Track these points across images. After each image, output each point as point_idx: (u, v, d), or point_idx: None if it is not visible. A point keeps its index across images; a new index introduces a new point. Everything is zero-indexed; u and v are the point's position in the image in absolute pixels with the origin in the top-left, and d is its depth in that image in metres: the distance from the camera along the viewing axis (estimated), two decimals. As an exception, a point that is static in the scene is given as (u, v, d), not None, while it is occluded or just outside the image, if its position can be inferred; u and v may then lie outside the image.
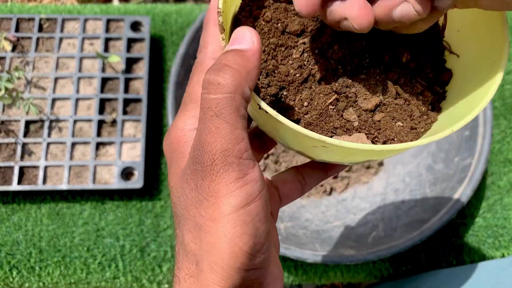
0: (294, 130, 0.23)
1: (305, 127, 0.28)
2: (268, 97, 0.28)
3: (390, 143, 0.27)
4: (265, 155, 0.63)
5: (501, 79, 0.24)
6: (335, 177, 0.63)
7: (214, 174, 0.21)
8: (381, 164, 0.63)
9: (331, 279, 0.59)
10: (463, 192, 0.55)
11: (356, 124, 0.28)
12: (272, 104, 0.28)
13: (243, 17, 0.29)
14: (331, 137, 0.27)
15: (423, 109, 0.28)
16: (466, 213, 0.62)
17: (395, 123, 0.27)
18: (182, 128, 0.26)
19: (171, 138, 0.26)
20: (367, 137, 0.27)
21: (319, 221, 0.59)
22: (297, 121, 0.28)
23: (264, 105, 0.23)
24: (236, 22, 0.29)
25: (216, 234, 0.21)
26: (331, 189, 0.62)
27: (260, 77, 0.28)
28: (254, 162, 0.22)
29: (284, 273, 0.59)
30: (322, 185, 0.62)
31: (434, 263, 0.59)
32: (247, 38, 0.23)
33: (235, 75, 0.21)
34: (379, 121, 0.27)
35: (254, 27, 0.29)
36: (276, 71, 0.28)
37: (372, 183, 0.62)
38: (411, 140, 0.27)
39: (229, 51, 0.23)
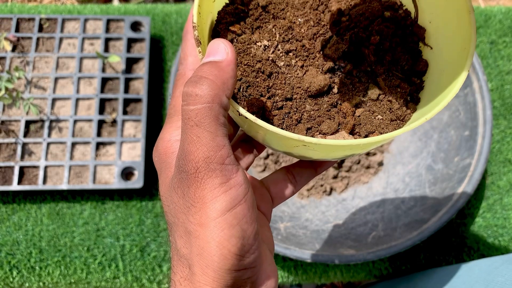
0: (273, 132, 0.24)
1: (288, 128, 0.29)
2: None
3: (371, 136, 0.28)
4: (265, 155, 0.63)
5: (471, 65, 0.26)
6: (335, 177, 0.63)
7: (199, 181, 0.22)
8: (381, 164, 0.63)
9: (331, 278, 0.60)
10: (462, 192, 0.55)
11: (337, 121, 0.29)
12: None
13: (221, 29, 0.30)
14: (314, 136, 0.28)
15: (402, 100, 0.29)
16: (466, 213, 0.62)
17: (375, 116, 0.29)
18: (169, 139, 0.27)
19: (159, 150, 0.27)
20: (349, 133, 0.28)
21: (319, 221, 0.59)
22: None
23: (242, 111, 0.24)
24: (215, 34, 0.30)
25: (205, 239, 0.22)
26: (331, 189, 0.62)
27: (240, 89, 0.29)
28: (238, 167, 0.23)
29: (284, 273, 0.59)
30: (322, 185, 0.62)
31: (433, 263, 0.59)
32: (221, 49, 0.24)
33: (211, 86, 0.22)
34: (359, 116, 0.29)
35: (232, 39, 0.30)
36: (256, 80, 0.29)
37: (372, 183, 0.62)
38: (391, 132, 0.28)
39: (205, 63, 0.24)
